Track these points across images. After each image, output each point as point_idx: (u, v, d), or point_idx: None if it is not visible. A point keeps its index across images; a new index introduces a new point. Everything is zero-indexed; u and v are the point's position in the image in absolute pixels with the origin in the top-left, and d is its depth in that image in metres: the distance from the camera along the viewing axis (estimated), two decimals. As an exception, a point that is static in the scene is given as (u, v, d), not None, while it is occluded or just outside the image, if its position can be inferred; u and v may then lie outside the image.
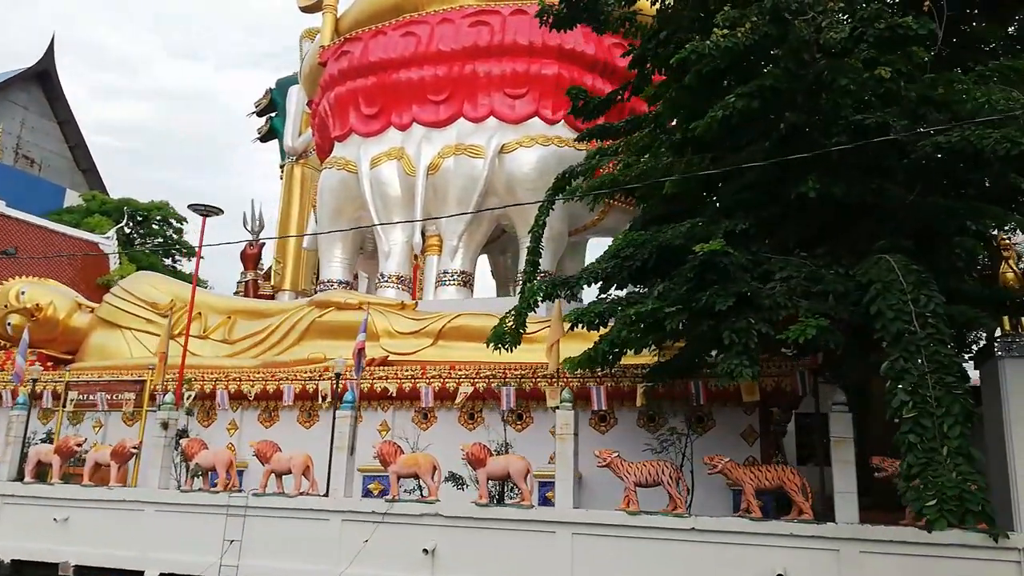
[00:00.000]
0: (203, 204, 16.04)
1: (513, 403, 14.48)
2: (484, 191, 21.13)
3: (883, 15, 9.24)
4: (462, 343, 17.64)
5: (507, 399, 14.32)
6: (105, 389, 15.99)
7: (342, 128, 23.68)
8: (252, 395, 16.73)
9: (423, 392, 15.22)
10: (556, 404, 12.67)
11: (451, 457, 13.52)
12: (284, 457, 13.38)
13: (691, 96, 11.33)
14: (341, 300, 18.89)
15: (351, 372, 14.78)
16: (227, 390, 16.36)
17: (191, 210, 16.23)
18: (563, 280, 12.25)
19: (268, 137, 34.69)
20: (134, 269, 29.21)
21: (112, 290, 21.30)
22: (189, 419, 16.39)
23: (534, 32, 21.86)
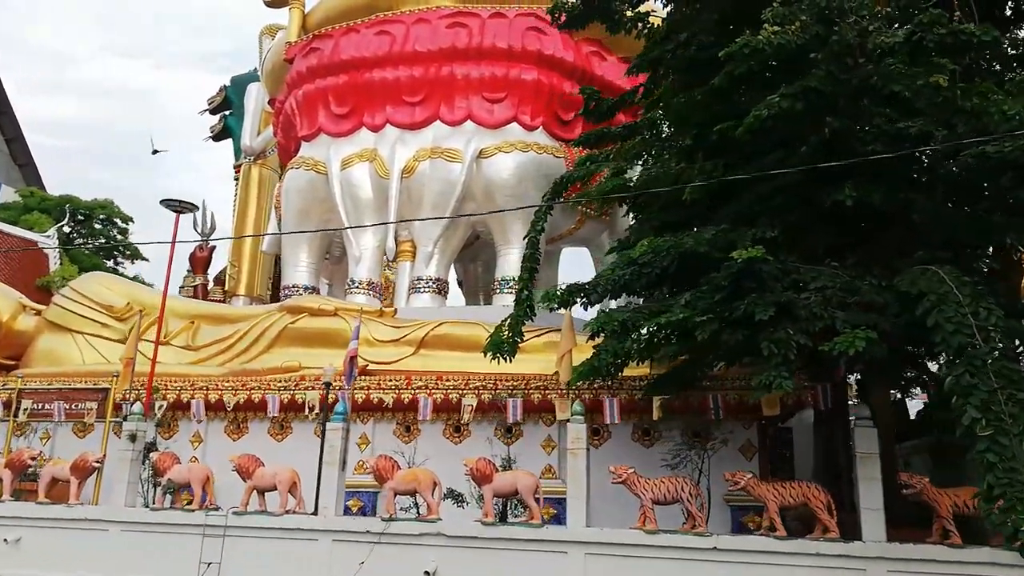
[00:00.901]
0: (177, 200, 14.98)
1: (520, 415, 13.82)
2: (462, 196, 20.48)
3: (942, 20, 9.00)
4: (445, 352, 16.92)
5: (514, 411, 13.66)
6: (63, 398, 14.75)
7: (310, 127, 22.77)
8: (231, 405, 15.67)
9: (422, 404, 14.41)
10: (566, 417, 12.08)
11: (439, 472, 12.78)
12: (268, 472, 12.45)
13: (714, 99, 10.95)
14: (315, 306, 17.95)
15: (341, 381, 13.90)
16: (205, 400, 15.28)
17: (164, 206, 15.15)
18: (579, 287, 11.71)
19: (221, 136, 33.35)
20: (76, 270, 27.56)
21: (62, 291, 19.89)
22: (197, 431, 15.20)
23: (513, 36, 21.48)
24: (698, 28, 11.44)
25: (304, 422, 16.52)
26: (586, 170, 15.04)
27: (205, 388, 15.82)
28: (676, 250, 10.56)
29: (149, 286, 31.93)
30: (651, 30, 13.11)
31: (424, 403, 14.31)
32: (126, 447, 13.20)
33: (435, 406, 14.85)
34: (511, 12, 21.99)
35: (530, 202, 20.30)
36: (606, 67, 22.54)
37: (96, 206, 31.70)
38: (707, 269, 10.93)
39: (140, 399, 14.52)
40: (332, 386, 14.06)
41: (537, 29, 21.66)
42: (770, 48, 9.23)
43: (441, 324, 17.30)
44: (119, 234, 31.88)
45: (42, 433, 17.31)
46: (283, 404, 15.44)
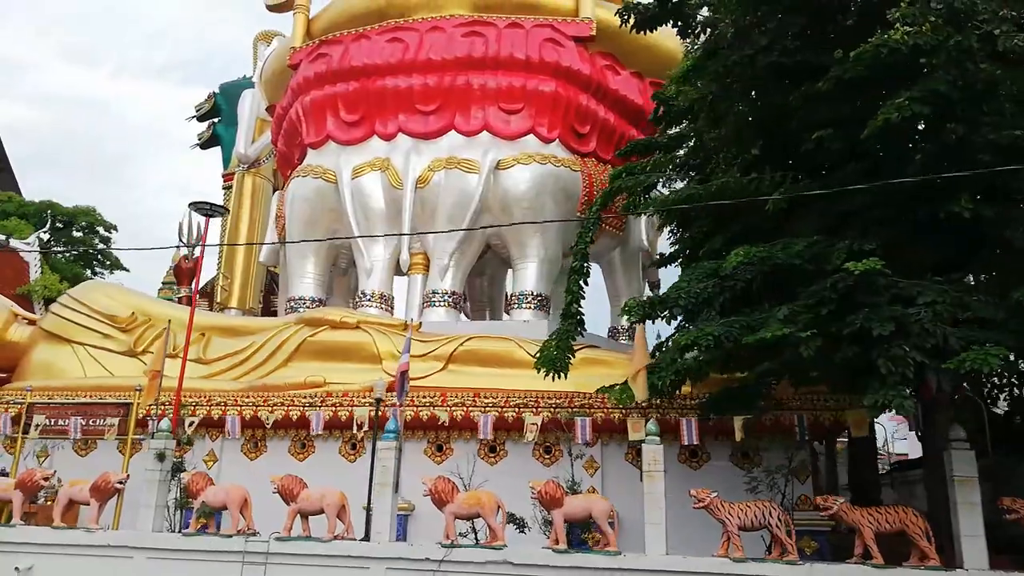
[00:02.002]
0: (207, 203, 13.90)
1: (589, 436, 12.96)
2: (479, 208, 19.68)
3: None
4: (475, 368, 16.03)
5: (582, 431, 12.80)
6: (80, 413, 13.47)
7: (318, 134, 21.78)
8: (270, 423, 14.54)
9: (482, 422, 13.49)
10: (640, 437, 11.28)
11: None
12: (314, 494, 11.39)
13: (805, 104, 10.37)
14: (336, 318, 16.90)
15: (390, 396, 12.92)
16: (240, 416, 14.14)
17: (192, 209, 14.06)
18: (660, 299, 10.97)
19: (209, 144, 32.12)
20: (57, 279, 26.01)
21: (60, 300, 18.48)
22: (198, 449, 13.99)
23: (531, 47, 20.85)
24: (780, 33, 10.87)
25: (327, 440, 15.51)
26: (637, 181, 14.34)
27: (239, 404, 14.70)
28: (770, 262, 9.91)
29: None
30: (716, 36, 12.48)
31: (484, 421, 13.39)
32: (153, 467, 12.00)
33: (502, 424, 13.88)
34: (528, 23, 21.36)
35: (547, 215, 19.69)
36: (619, 81, 22.07)
37: (78, 212, 30.09)
38: (796, 282, 10.33)
39: (167, 415, 13.33)
40: (383, 402, 13.07)
41: (554, 41, 21.09)
42: (906, 48, 8.69)
43: (470, 339, 16.41)
44: (101, 242, 30.31)
45: (39, 450, 15.97)
46: (327, 421, 14.35)
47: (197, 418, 14.33)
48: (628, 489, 13.42)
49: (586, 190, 20.47)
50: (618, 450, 14.37)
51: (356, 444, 15.34)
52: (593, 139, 21.53)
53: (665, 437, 13.95)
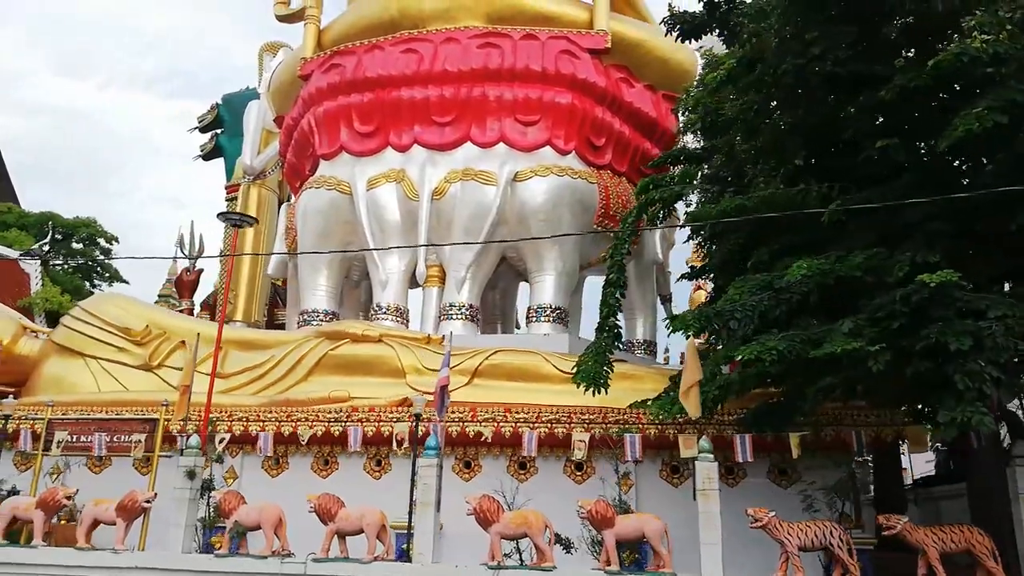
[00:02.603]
0: (236, 213, 13.44)
1: (639, 453, 12.53)
2: (497, 220, 19.31)
3: None
4: (501, 382, 15.59)
5: (631, 448, 12.37)
6: (104, 429, 12.90)
7: (331, 145, 21.35)
8: (306, 439, 14.01)
9: (526, 439, 13.02)
10: (693, 454, 10.90)
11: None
12: (353, 513, 10.91)
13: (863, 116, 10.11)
14: (359, 332, 16.41)
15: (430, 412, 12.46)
16: (277, 432, 13.61)
17: (221, 220, 13.58)
18: (716, 312, 10.61)
19: (212, 155, 31.60)
20: (59, 292, 25.38)
21: (72, 312, 17.85)
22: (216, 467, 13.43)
23: (547, 59, 20.54)
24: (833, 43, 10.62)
25: (351, 457, 15.00)
26: (672, 191, 14.02)
27: (264, 420, 14.18)
28: (833, 274, 9.60)
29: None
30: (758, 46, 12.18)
31: (529, 438, 12.93)
32: (183, 485, 11.47)
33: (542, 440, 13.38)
34: (543, 35, 21.08)
35: (565, 227, 19.38)
36: (633, 94, 21.80)
37: (79, 224, 29.42)
38: (854, 295, 10.03)
39: (195, 430, 12.79)
40: (423, 417, 12.60)
41: (570, 53, 20.81)
42: (987, 57, 8.44)
43: (496, 352, 15.97)
44: (101, 254, 29.63)
45: (51, 468, 15.34)
46: (383, 437, 13.84)
47: (228, 435, 13.77)
48: (663, 507, 13.00)
49: (603, 202, 20.20)
50: (652, 467, 13.97)
51: (381, 460, 14.85)
52: (608, 151, 21.25)
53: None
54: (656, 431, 13.28)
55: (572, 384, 15.26)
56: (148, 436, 12.85)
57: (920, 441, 11.34)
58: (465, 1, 21.65)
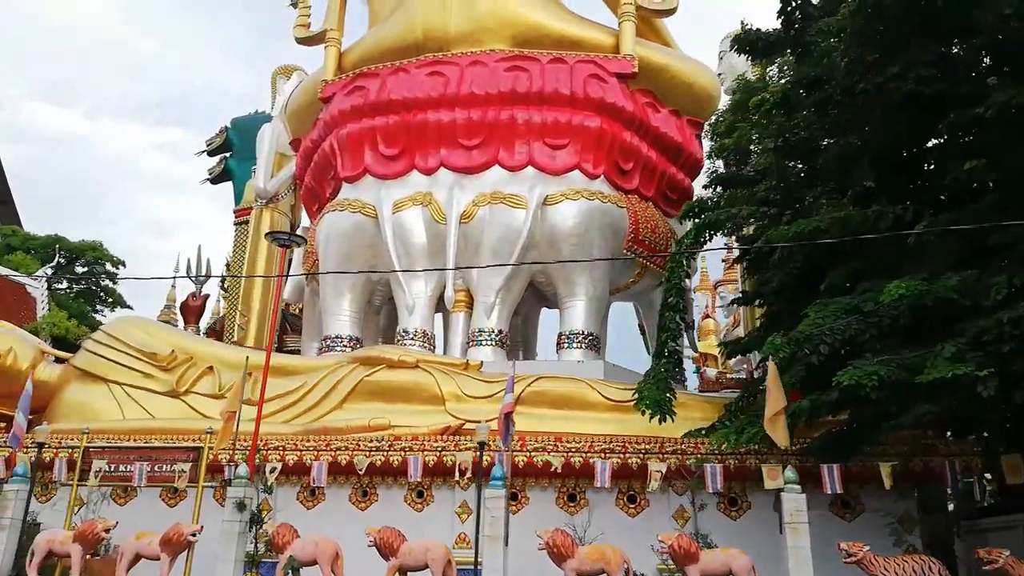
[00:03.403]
0: (285, 233, 12.84)
1: (720, 484, 11.92)
2: (527, 243, 18.82)
3: None
4: (544, 410, 14.98)
5: (713, 479, 11.77)
6: (145, 457, 12.13)
7: (354, 168, 20.83)
8: (363, 468, 13.29)
9: (599, 469, 12.37)
10: (779, 486, 10.34)
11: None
12: (417, 548, 10.24)
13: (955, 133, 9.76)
14: (395, 357, 15.77)
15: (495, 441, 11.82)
16: (334, 460, 12.88)
17: (269, 239, 12.97)
18: (805, 337, 10.11)
19: (220, 179, 30.99)
20: (65, 316, 24.54)
21: (93, 336, 17.08)
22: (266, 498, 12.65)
23: (575, 82, 20.21)
24: (914, 61, 10.28)
25: (391, 488, 14.30)
26: (729, 213, 13.58)
27: (331, 449, 13.49)
28: (931, 296, 9.16)
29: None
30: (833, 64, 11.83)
31: (602, 468, 12.29)
32: (232, 517, 10.75)
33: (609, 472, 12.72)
34: (570, 58, 20.79)
35: (596, 251, 18.94)
36: (659, 119, 21.50)
37: (86, 248, 28.60)
38: (947, 319, 9.58)
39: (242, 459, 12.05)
40: (488, 446, 11.93)
41: (597, 76, 20.50)
42: None
43: (538, 379, 15.38)
44: (107, 278, 28.80)
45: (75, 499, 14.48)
46: (427, 467, 13.15)
47: (280, 464, 13.04)
48: (722, 541, 12.40)
49: (632, 227, 19.78)
50: (710, 499, 13.36)
51: (423, 492, 14.14)
52: (636, 176, 20.88)
53: (756, 484, 13.17)
54: (736, 462, 12.62)
55: (619, 412, 14.85)
56: (193, 466, 12.08)
57: (1016, 471, 10.84)
58: (490, 24, 21.39)
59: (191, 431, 13.73)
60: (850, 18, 10.77)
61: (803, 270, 12.76)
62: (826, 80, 11.64)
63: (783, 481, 10.12)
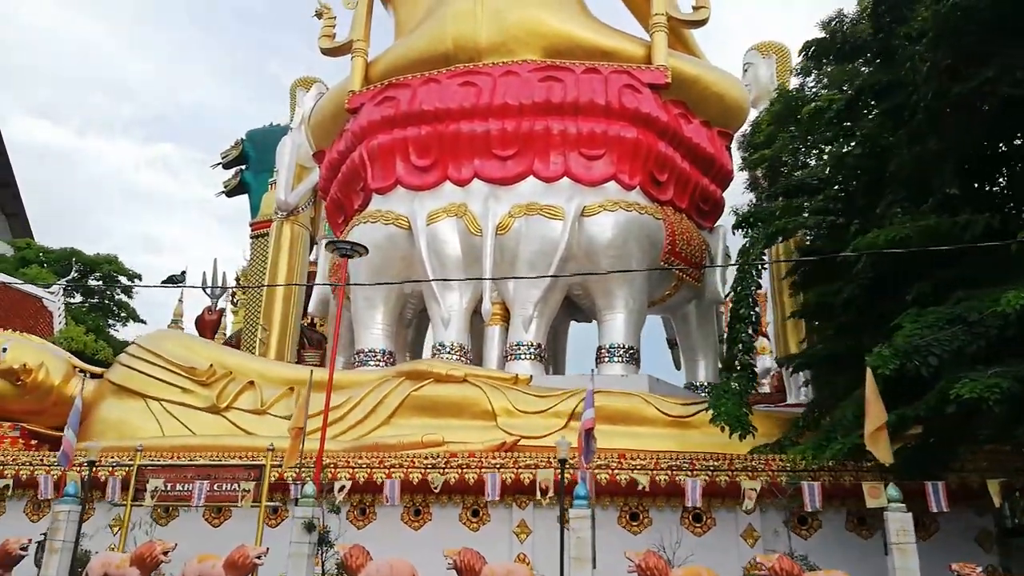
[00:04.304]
0: (347, 241, 12.25)
1: (819, 502, 11.32)
2: (565, 255, 18.30)
3: None
4: (600, 425, 14.31)
5: (811, 498, 11.17)
6: (205, 476, 11.44)
7: (385, 179, 20.27)
8: (438, 486, 12.63)
9: (689, 487, 11.76)
10: (880, 504, 9.80)
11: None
12: (499, 571, 9.62)
13: None
14: (443, 371, 15.15)
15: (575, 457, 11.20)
16: (405, 478, 12.21)
17: (330, 250, 12.36)
18: (914, 348, 9.59)
19: (236, 191, 30.33)
20: (82, 331, 23.77)
21: (128, 350, 16.36)
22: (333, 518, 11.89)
23: (610, 93, 19.79)
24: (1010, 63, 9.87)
25: (446, 506, 13.65)
26: (793, 222, 13.08)
27: (386, 466, 12.82)
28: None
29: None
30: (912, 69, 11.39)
31: (693, 487, 11.67)
32: (300, 538, 10.09)
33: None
34: (604, 69, 20.37)
35: (634, 264, 18.46)
36: (692, 130, 21.07)
37: (102, 261, 27.81)
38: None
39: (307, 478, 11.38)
40: (568, 463, 11.31)
41: (632, 87, 20.09)
42: None
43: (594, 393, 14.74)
44: (122, 291, 28.00)
45: (112, 519, 13.79)
46: (504, 485, 12.52)
47: (349, 482, 12.37)
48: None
49: (669, 239, 19.35)
50: (776, 517, 12.79)
51: (479, 511, 13.50)
52: (671, 188, 20.43)
53: (831, 503, 12.63)
54: (830, 478, 12.03)
55: (677, 428, 14.31)
56: (256, 484, 11.40)
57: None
58: (521, 35, 20.98)
59: (250, 448, 13.05)
60: (935, 20, 10.35)
61: (874, 281, 12.29)
62: (906, 84, 11.20)
63: (885, 499, 9.57)
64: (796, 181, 13.99)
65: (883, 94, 11.82)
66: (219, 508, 13.57)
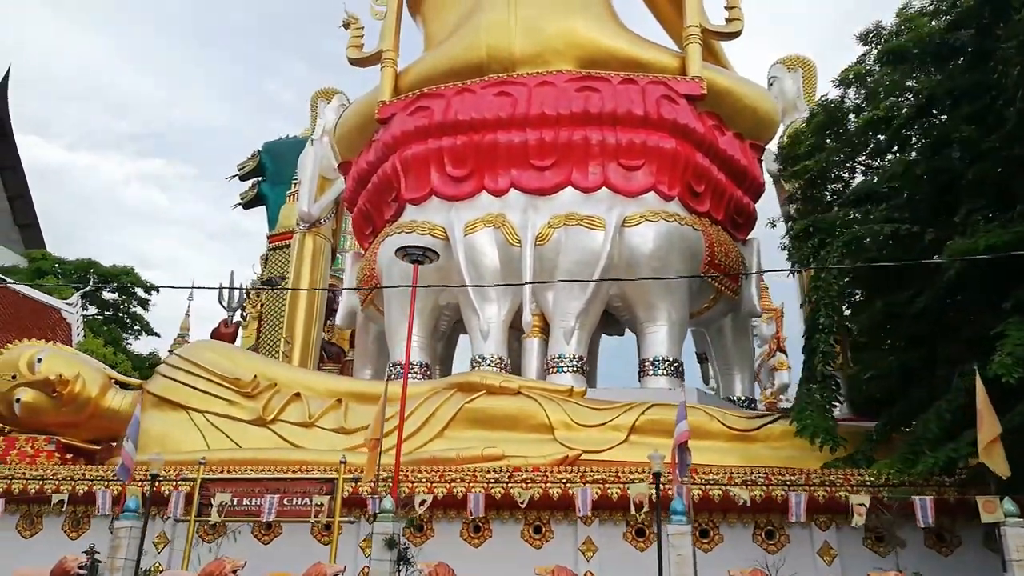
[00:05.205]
0: (419, 247, 11.67)
1: (932, 518, 10.75)
2: (607, 266, 17.80)
3: None
4: (659, 439, 13.75)
5: (923, 513, 10.59)
6: (274, 489, 10.73)
7: (420, 189, 19.73)
8: (524, 501, 11.96)
9: (793, 502, 11.16)
10: (995, 519, 9.27)
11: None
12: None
13: None
14: (496, 383, 14.56)
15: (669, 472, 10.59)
16: (486, 493, 11.55)
17: (400, 256, 11.76)
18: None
19: (253, 203, 29.70)
20: (101, 343, 22.99)
21: (168, 360, 15.63)
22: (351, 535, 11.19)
23: (648, 103, 19.39)
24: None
25: (507, 522, 13.01)
26: (870, 230, 12.60)
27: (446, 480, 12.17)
28: None
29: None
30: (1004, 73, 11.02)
31: (797, 502, 11.07)
32: (381, 555, 9.43)
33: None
34: (641, 80, 19.99)
35: (674, 274, 17.97)
36: (726, 141, 20.71)
37: (119, 272, 27.01)
38: None
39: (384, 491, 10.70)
40: (663, 478, 10.70)
41: (669, 98, 19.71)
42: None
43: (652, 407, 14.23)
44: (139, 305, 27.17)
45: (157, 536, 13.03)
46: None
47: (430, 497, 11.68)
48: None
49: (708, 250, 18.93)
50: (853, 534, 12.24)
51: (542, 527, 12.87)
52: (708, 199, 20.03)
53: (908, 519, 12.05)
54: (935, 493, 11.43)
55: (742, 443, 13.78)
56: (330, 499, 10.71)
57: None
58: (556, 45, 20.60)
59: (321, 463, 12.35)
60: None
61: (951, 291, 11.86)
62: (992, 88, 10.83)
63: (1001, 514, 9.06)
64: (866, 189, 13.52)
65: (964, 98, 11.43)
66: (268, 525, 12.86)
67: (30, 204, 28.17)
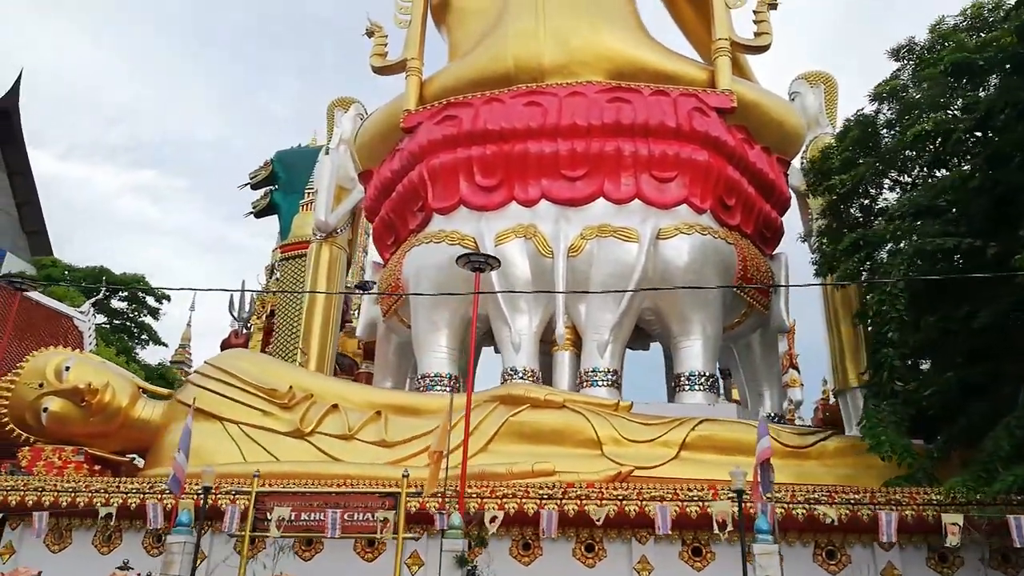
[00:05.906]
0: (481, 255, 11.24)
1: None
2: (641, 278, 17.44)
3: None
4: (711, 456, 13.39)
5: (1019, 532, 10.17)
6: (335, 504, 10.17)
7: (448, 199, 19.33)
8: (600, 519, 11.45)
9: (884, 521, 10.71)
10: None
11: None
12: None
13: None
14: (541, 396, 14.09)
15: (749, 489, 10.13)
16: (560, 511, 11.04)
17: (462, 264, 11.32)
18: None
19: (265, 212, 29.17)
20: (113, 353, 22.34)
21: (200, 369, 15.04)
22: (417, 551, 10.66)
23: (680, 115, 19.11)
24: None
25: (557, 540, 12.48)
26: (934, 244, 12.31)
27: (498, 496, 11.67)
28: None
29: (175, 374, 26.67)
30: None
31: (888, 520, 10.63)
32: (452, 573, 8.93)
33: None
34: (672, 91, 19.72)
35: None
36: (755, 155, 20.45)
37: (130, 280, 26.34)
38: None
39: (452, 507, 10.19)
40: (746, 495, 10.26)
41: (700, 110, 19.45)
42: None
43: (703, 422, 13.83)
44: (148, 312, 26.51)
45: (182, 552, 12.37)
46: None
47: (501, 513, 11.17)
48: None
49: (741, 263, 18.63)
50: (916, 554, 11.86)
51: (594, 546, 12.39)
52: (738, 212, 19.75)
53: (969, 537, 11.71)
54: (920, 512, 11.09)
55: (795, 459, 13.42)
56: (394, 514, 10.17)
57: None
58: (586, 57, 20.31)
59: (382, 477, 11.82)
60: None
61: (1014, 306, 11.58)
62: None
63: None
64: (925, 202, 13.26)
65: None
66: (309, 542, 12.32)
67: (38, 210, 27.49)
